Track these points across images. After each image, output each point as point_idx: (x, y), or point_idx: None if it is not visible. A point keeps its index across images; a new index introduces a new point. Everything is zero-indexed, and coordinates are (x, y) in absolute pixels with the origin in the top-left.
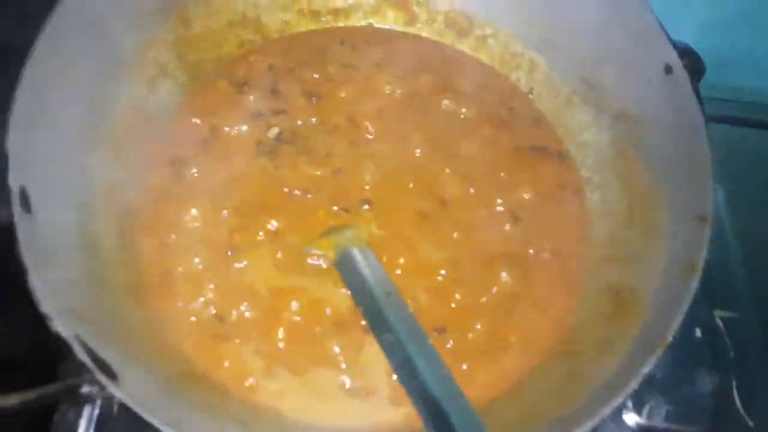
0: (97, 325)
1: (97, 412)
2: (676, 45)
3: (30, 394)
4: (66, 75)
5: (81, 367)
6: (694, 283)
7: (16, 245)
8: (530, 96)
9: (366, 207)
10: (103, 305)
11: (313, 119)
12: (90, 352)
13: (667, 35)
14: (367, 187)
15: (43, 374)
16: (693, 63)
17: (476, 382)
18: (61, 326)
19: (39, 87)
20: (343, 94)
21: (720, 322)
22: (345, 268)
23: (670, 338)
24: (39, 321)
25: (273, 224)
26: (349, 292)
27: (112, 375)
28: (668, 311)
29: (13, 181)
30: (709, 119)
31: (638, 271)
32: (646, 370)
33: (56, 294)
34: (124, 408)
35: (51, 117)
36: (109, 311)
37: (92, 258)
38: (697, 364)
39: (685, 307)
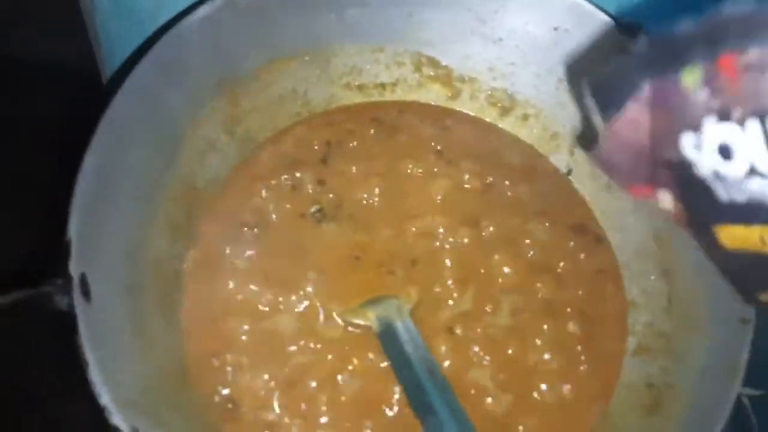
0: (151, 415)
1: None
2: None
3: None
4: (125, 158)
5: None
6: (736, 388)
7: (76, 337)
8: (569, 177)
9: (411, 270)
10: (155, 392)
11: (358, 189)
12: None
13: None
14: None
15: None
16: None
17: None
18: (119, 420)
19: (100, 171)
20: (387, 166)
21: (746, 401)
22: (387, 343)
23: None
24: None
25: (316, 295)
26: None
27: None
28: (708, 414)
29: (74, 269)
30: None
31: (676, 366)
32: None
33: (114, 386)
34: None
35: (110, 199)
36: (160, 398)
37: (143, 342)
38: None
39: (726, 412)
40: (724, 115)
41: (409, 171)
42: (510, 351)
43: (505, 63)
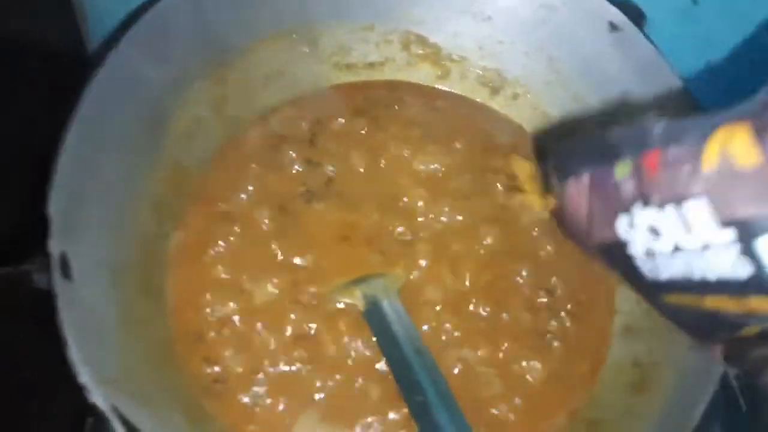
0: (132, 393)
1: None
2: None
3: None
4: (108, 136)
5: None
6: (720, 366)
7: (56, 315)
8: None
9: (400, 249)
10: (138, 371)
11: (347, 169)
12: (127, 423)
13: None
14: (400, 229)
15: None
16: None
17: None
18: (98, 398)
19: (82, 148)
20: (376, 146)
21: (734, 381)
22: (374, 321)
23: (696, 421)
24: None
25: (304, 274)
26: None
27: None
28: (693, 392)
29: (54, 247)
30: None
31: (663, 345)
32: None
33: (94, 364)
34: None
35: (93, 177)
36: (143, 376)
37: (126, 320)
38: (710, 421)
39: (710, 390)
40: (646, 201)
41: (397, 151)
42: (498, 331)
43: (494, 41)
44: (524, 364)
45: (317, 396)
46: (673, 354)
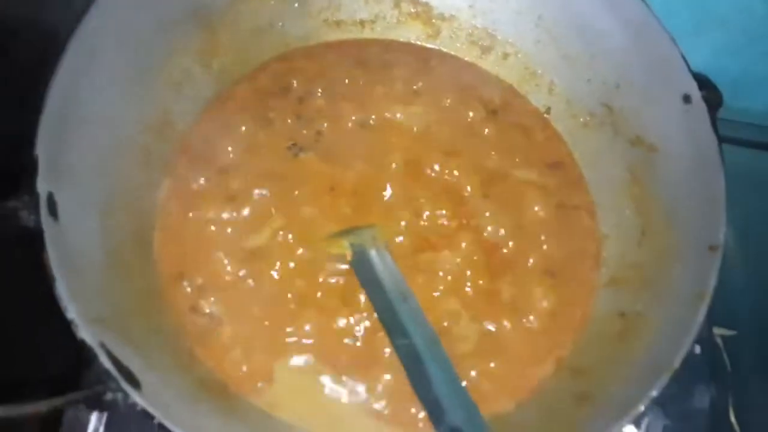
0: (120, 333)
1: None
2: (694, 75)
3: (57, 401)
4: (96, 80)
5: (104, 374)
6: (703, 311)
7: (43, 253)
8: (546, 116)
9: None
10: (125, 312)
11: (335, 124)
12: (114, 361)
13: (688, 65)
14: (387, 187)
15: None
16: (711, 94)
17: (482, 392)
18: (86, 334)
19: (69, 92)
20: (365, 102)
21: (719, 340)
22: (361, 270)
23: (677, 365)
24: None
25: (291, 224)
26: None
27: (135, 383)
28: (676, 337)
29: (42, 187)
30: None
31: (647, 295)
32: (653, 393)
33: (82, 302)
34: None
35: (79, 122)
36: (130, 318)
37: (114, 264)
38: (695, 380)
39: (693, 334)
40: None
41: (387, 107)
42: (484, 282)
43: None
44: (513, 315)
45: (300, 339)
46: (656, 304)
